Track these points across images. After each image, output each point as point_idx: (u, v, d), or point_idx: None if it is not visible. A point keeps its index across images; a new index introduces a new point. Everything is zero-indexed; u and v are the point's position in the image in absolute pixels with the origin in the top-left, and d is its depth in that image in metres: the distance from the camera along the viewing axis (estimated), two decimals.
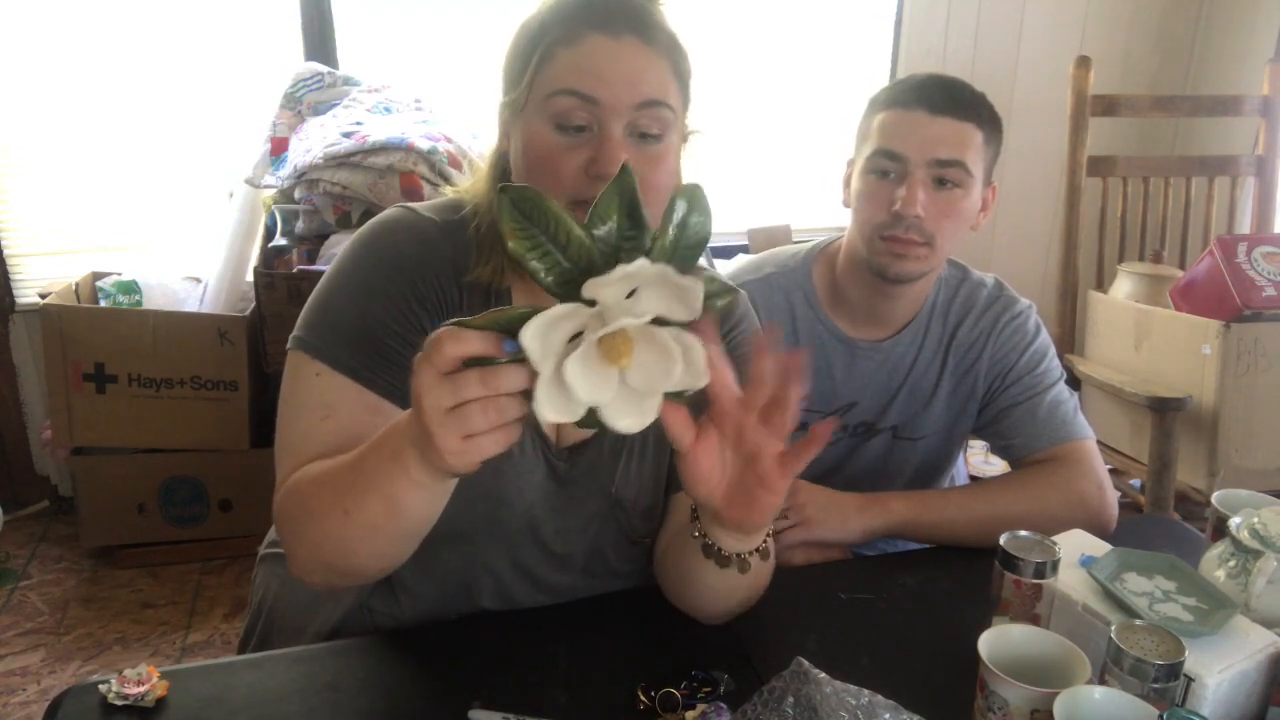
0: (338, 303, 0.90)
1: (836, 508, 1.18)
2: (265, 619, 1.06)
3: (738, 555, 0.81)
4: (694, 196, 0.62)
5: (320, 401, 0.86)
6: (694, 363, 0.61)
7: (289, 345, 0.90)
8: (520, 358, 0.59)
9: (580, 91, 0.82)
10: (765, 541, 0.82)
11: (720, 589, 0.87)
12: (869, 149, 1.19)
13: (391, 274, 0.89)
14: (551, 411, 0.60)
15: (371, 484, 0.73)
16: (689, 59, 0.88)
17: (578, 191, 0.83)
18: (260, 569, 1.11)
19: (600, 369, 0.60)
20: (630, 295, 0.59)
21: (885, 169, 1.17)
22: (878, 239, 1.18)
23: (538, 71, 0.84)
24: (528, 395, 0.61)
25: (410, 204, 0.96)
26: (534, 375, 0.60)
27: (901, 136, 1.16)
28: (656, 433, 0.67)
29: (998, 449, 1.29)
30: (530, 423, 0.63)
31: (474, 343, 0.60)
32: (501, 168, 0.91)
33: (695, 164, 0.95)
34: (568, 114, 0.82)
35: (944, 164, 1.15)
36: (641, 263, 0.57)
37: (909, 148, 1.15)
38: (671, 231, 0.61)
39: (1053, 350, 1.29)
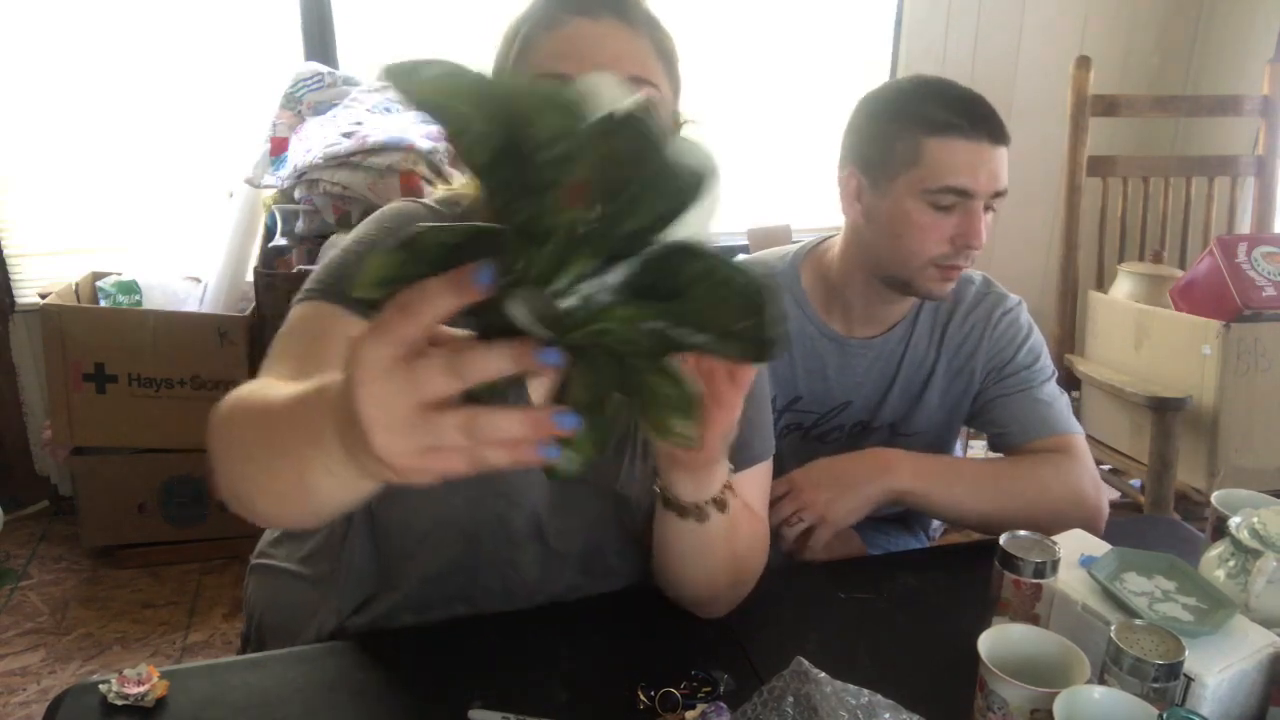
0: (342, 260, 0.90)
1: (845, 486, 1.14)
2: (259, 628, 1.06)
3: (695, 505, 0.82)
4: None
5: (311, 327, 0.85)
6: None
7: (291, 307, 0.89)
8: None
9: (559, 74, 0.82)
10: (723, 492, 0.83)
11: (691, 551, 0.87)
12: (927, 180, 1.13)
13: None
14: None
15: (286, 455, 0.59)
16: (672, 40, 0.88)
17: None
18: (251, 579, 1.09)
19: None
20: None
21: (950, 203, 1.13)
22: (932, 267, 1.16)
23: (519, 59, 0.85)
24: None
25: (416, 199, 0.97)
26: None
27: (970, 172, 1.12)
28: None
29: (993, 438, 1.29)
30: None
31: (445, 296, 0.45)
32: None
33: None
34: None
35: (999, 194, 1.15)
36: None
37: (978, 183, 1.12)
38: None
39: (1045, 347, 1.30)
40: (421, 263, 0.46)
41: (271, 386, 0.67)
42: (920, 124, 1.13)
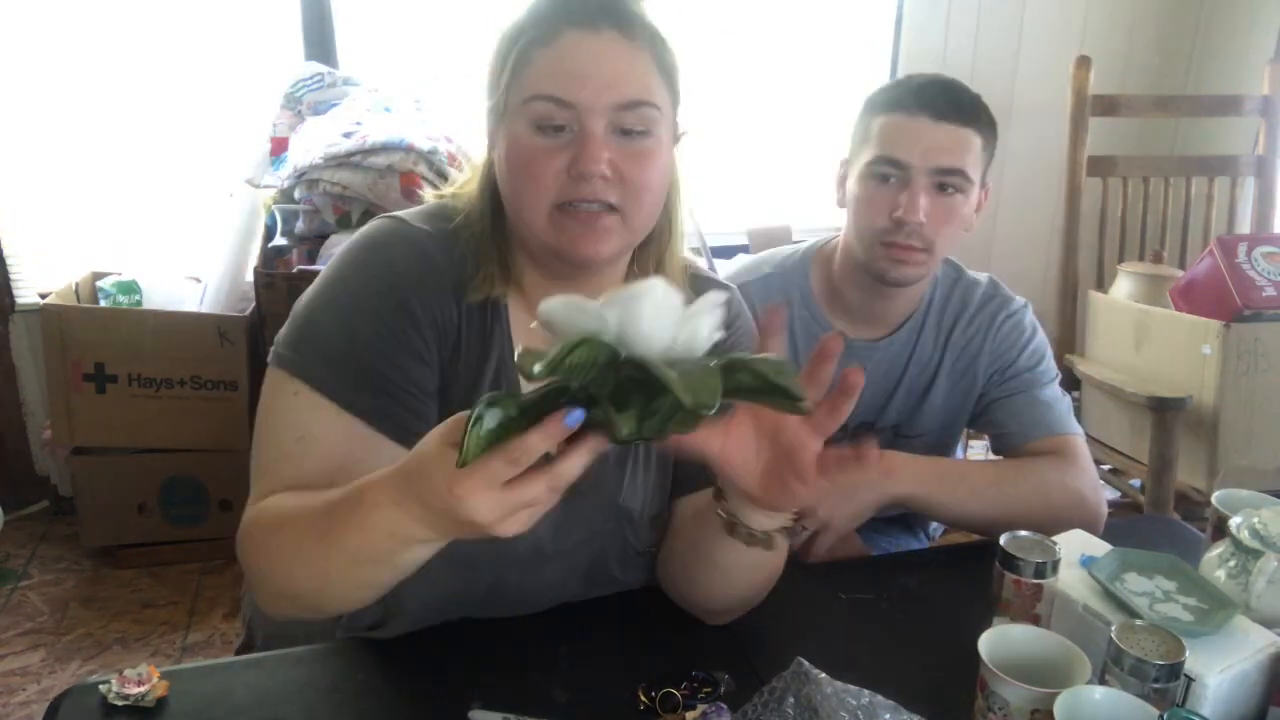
0: (322, 319, 0.86)
1: (846, 493, 1.13)
2: (258, 642, 1.05)
3: (765, 534, 0.81)
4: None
5: (295, 422, 0.83)
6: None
7: (269, 360, 0.87)
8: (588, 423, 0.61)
9: (556, 96, 0.80)
10: (789, 519, 0.83)
11: (737, 569, 0.87)
12: (869, 153, 1.18)
13: (384, 292, 0.86)
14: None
15: (362, 554, 0.73)
16: (674, 53, 0.86)
17: (560, 194, 0.82)
18: (248, 593, 1.09)
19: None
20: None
21: (886, 175, 1.16)
22: (878, 244, 1.17)
23: (515, 75, 0.83)
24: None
25: (399, 214, 0.92)
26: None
27: (904, 144, 1.15)
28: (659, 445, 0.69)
29: (994, 439, 1.29)
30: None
31: (532, 448, 0.60)
32: (491, 175, 0.90)
33: (694, 164, 0.94)
34: (546, 117, 0.81)
35: (945, 171, 1.15)
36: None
37: (912, 155, 1.14)
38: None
39: (1049, 349, 1.30)
40: (522, 416, 0.61)
41: (303, 497, 0.78)
42: (875, 105, 1.20)
